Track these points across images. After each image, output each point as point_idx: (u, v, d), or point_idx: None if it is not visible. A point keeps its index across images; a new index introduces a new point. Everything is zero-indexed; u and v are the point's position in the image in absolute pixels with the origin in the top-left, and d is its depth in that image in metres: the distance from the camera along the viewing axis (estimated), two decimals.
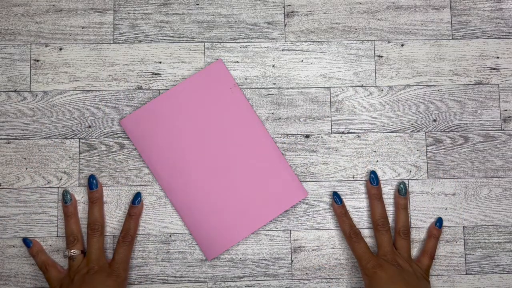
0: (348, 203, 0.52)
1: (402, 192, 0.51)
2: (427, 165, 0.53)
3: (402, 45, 0.54)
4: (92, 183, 0.50)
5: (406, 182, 0.53)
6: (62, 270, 0.49)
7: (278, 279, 0.51)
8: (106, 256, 0.50)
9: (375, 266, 0.47)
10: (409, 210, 0.52)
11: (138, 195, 0.51)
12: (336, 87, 0.54)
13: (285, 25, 0.54)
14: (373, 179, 0.51)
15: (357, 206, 0.52)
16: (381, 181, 0.53)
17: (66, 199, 0.50)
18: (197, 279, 0.51)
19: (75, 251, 0.48)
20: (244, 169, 0.51)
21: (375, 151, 0.53)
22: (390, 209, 0.52)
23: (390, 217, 0.52)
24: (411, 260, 0.49)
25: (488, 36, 0.55)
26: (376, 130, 0.53)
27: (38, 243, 0.50)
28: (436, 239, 0.51)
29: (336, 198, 0.51)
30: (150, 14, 0.54)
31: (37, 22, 0.53)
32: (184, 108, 0.51)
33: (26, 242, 0.49)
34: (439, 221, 0.51)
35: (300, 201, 0.52)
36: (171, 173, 0.51)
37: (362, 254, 0.49)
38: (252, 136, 0.51)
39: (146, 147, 0.51)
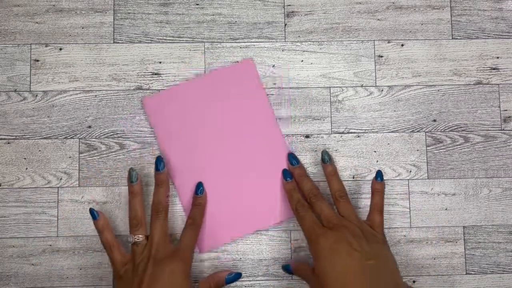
0: None
1: (325, 160, 0.49)
2: (427, 165, 0.53)
3: (402, 45, 0.54)
4: (159, 165, 0.48)
5: (406, 182, 0.53)
6: (126, 255, 0.46)
7: (278, 279, 0.51)
8: (170, 240, 0.48)
9: (318, 236, 0.43)
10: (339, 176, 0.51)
11: (200, 185, 0.50)
12: (336, 87, 0.54)
13: (285, 25, 0.54)
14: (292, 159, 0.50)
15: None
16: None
17: (132, 178, 0.47)
18: (197, 278, 0.51)
19: (139, 237, 0.45)
20: (254, 171, 0.51)
21: (375, 151, 0.53)
22: (391, 209, 0.52)
23: (391, 217, 0.52)
24: (360, 221, 0.46)
25: (488, 36, 0.55)
26: (376, 130, 0.53)
27: (104, 218, 0.47)
28: (380, 193, 0.48)
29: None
30: (150, 14, 0.54)
31: (37, 22, 0.53)
32: (207, 99, 0.52)
33: (92, 213, 0.47)
34: (379, 175, 0.48)
35: None
36: (182, 159, 0.51)
37: (308, 227, 0.45)
38: (267, 139, 0.52)
39: (162, 129, 0.51)
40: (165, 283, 0.42)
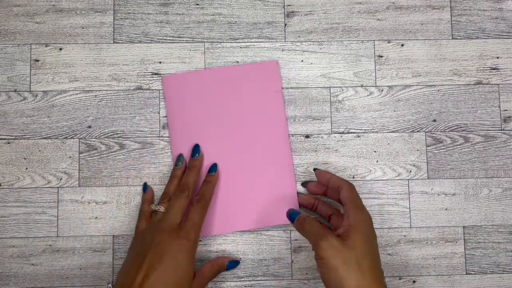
0: None
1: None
2: (427, 165, 0.53)
3: (402, 45, 0.54)
4: (195, 151, 0.50)
5: (406, 182, 0.53)
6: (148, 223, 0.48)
7: (278, 279, 0.51)
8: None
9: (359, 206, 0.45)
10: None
11: (214, 166, 0.51)
12: (336, 87, 0.54)
13: (285, 25, 0.54)
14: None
15: None
16: (381, 181, 0.53)
17: (178, 163, 0.50)
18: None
19: (160, 207, 0.47)
20: (256, 171, 0.51)
21: (375, 151, 0.53)
22: (391, 209, 0.52)
23: (392, 217, 0.52)
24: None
25: (488, 36, 0.55)
26: (376, 130, 0.53)
27: (151, 193, 0.51)
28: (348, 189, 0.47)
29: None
30: (150, 14, 0.54)
31: (37, 22, 0.53)
32: (225, 91, 0.52)
33: (145, 187, 0.51)
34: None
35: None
36: (187, 144, 0.51)
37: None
38: (273, 143, 0.52)
39: (175, 111, 0.52)
40: (168, 258, 0.42)
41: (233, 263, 0.50)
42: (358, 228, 0.42)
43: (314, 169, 0.51)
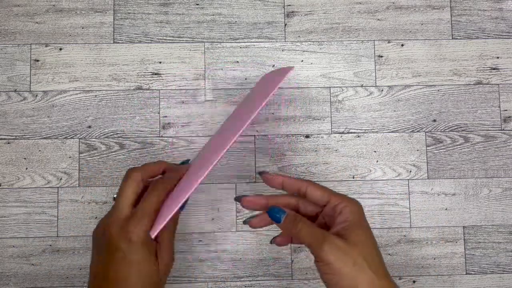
0: None
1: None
2: (427, 165, 0.53)
3: (402, 45, 0.54)
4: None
5: (406, 182, 0.53)
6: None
7: (278, 279, 0.51)
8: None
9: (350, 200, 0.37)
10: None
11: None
12: (336, 87, 0.54)
13: (285, 25, 0.54)
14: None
15: None
16: (381, 181, 0.53)
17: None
18: (197, 279, 0.51)
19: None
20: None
21: (375, 151, 0.53)
22: (391, 209, 0.52)
23: (397, 219, 0.52)
24: None
25: (488, 36, 0.55)
26: (376, 130, 0.53)
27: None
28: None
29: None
30: (150, 14, 0.54)
31: (37, 22, 0.53)
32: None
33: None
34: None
35: None
36: None
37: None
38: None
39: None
40: (124, 253, 0.35)
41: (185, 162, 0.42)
42: (356, 221, 0.37)
43: (260, 173, 0.40)
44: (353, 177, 0.53)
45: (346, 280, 0.35)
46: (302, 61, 0.54)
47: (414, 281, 0.52)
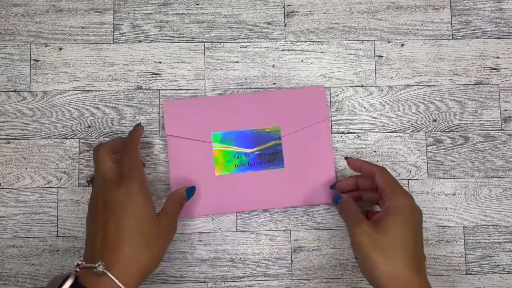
0: None
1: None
2: (427, 165, 0.53)
3: (402, 45, 0.54)
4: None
5: (406, 182, 0.53)
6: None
7: (278, 279, 0.51)
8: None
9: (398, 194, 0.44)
10: None
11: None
12: (336, 87, 0.54)
13: (285, 25, 0.54)
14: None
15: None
16: None
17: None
18: (197, 279, 0.51)
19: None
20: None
21: (375, 151, 0.53)
22: None
23: None
24: None
25: (488, 36, 0.55)
26: (376, 130, 0.53)
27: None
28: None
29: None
30: (150, 14, 0.54)
31: (37, 22, 0.53)
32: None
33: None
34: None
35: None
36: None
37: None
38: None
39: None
40: (120, 209, 0.40)
41: (191, 189, 0.47)
42: (393, 213, 0.42)
43: (346, 158, 0.49)
44: None
45: (368, 262, 0.40)
46: (302, 61, 0.54)
47: None
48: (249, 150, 0.51)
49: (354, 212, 0.44)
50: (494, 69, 0.54)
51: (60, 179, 0.52)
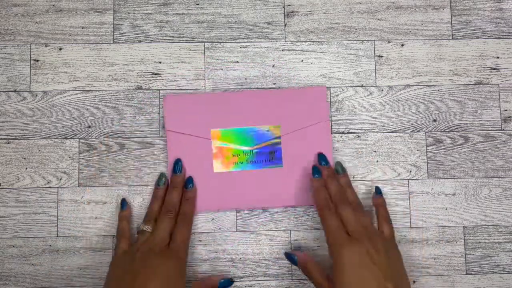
0: None
1: (339, 171, 0.51)
2: (427, 165, 0.53)
3: (402, 45, 0.54)
4: (176, 167, 0.50)
5: (406, 182, 0.53)
6: (130, 243, 0.48)
7: (278, 279, 0.51)
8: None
9: (343, 246, 0.43)
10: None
11: (190, 181, 0.50)
12: (336, 87, 0.54)
13: (285, 25, 0.54)
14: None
15: None
16: (381, 181, 0.53)
17: (160, 183, 0.50)
18: (197, 279, 0.51)
19: (148, 227, 0.47)
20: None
21: (375, 151, 0.53)
22: (391, 209, 0.52)
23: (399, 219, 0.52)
24: (377, 231, 0.47)
25: (488, 36, 0.55)
26: (376, 130, 0.53)
27: (129, 211, 0.51)
28: (383, 206, 0.49)
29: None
30: (150, 14, 0.54)
31: (37, 22, 0.53)
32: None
33: (123, 204, 0.50)
34: (377, 191, 0.51)
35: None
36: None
37: (332, 232, 0.45)
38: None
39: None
40: (161, 279, 0.43)
41: (227, 282, 0.49)
42: (339, 272, 0.43)
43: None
44: (353, 177, 0.53)
45: None
46: (302, 61, 0.54)
47: (414, 281, 0.52)
48: (248, 148, 0.51)
49: (316, 275, 0.46)
50: (494, 69, 0.54)
51: (60, 179, 0.52)
